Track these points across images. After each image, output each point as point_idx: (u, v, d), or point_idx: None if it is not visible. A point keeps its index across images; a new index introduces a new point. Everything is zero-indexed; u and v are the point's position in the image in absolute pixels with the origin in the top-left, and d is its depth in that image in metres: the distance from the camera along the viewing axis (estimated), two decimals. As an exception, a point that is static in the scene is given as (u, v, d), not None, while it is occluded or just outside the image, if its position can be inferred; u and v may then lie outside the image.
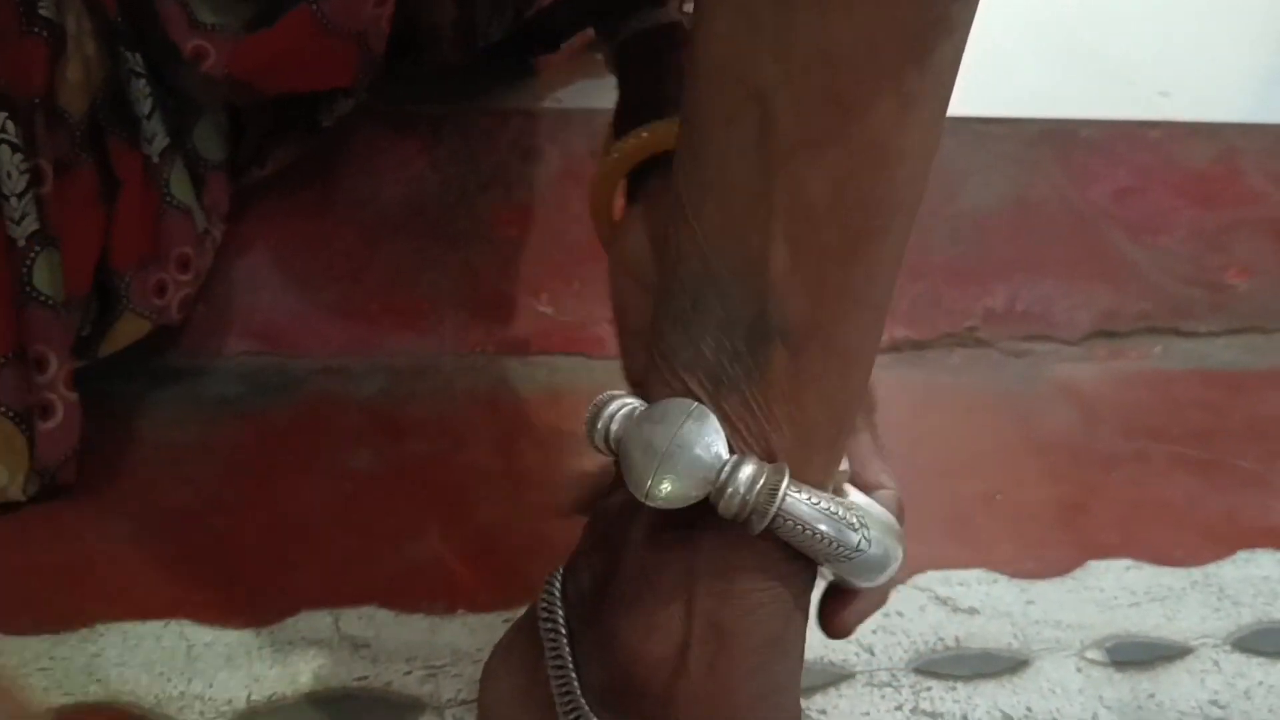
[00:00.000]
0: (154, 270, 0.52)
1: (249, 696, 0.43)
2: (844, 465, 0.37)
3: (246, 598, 0.47)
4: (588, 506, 0.38)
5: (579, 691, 0.35)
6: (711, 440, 0.31)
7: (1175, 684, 0.49)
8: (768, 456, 0.32)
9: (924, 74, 0.30)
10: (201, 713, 0.43)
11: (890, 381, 0.63)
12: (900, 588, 0.52)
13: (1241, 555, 0.56)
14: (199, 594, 0.47)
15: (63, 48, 0.48)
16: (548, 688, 0.36)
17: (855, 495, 0.36)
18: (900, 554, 0.34)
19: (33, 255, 0.47)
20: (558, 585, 0.37)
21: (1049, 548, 0.55)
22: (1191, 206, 0.74)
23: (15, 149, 0.46)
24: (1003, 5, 0.88)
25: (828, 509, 0.31)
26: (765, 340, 0.31)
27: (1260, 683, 0.50)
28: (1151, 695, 0.49)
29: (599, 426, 0.33)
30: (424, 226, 0.63)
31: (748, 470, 0.31)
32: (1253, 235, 0.74)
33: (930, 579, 0.52)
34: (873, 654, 0.49)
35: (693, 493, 0.31)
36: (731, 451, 0.31)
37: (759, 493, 0.31)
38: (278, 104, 0.56)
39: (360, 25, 0.51)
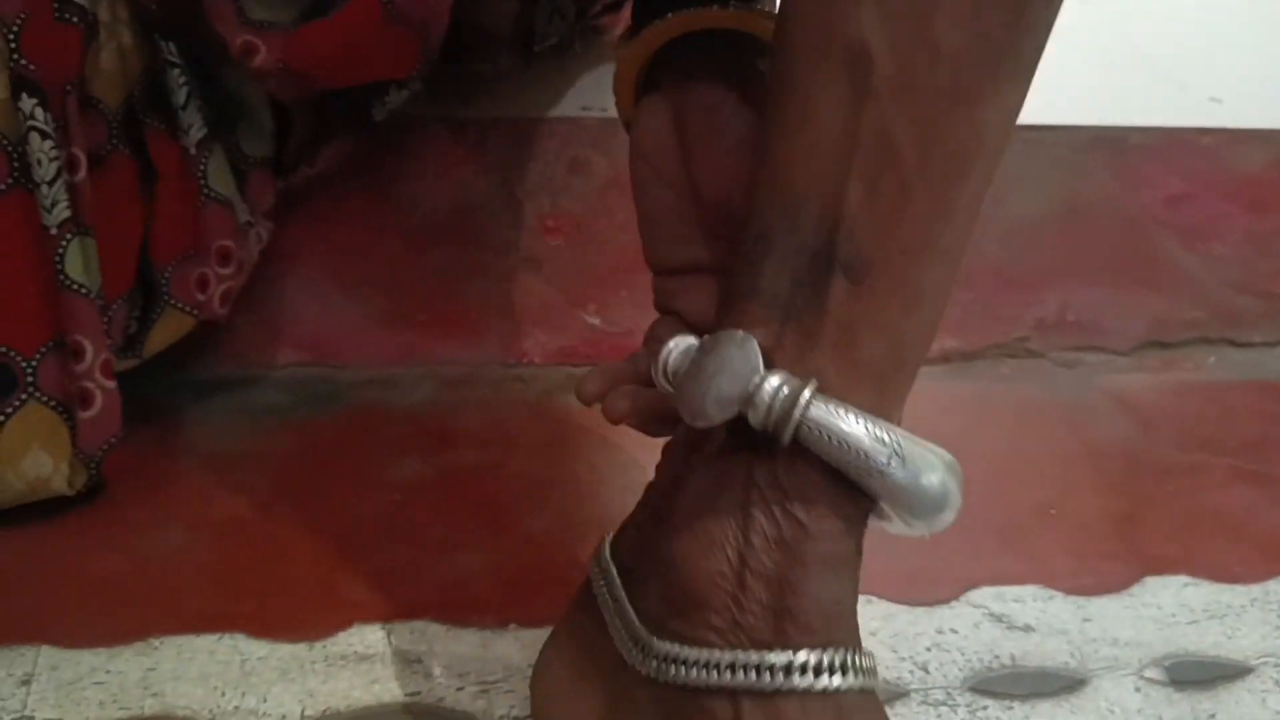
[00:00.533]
0: (194, 264, 0.52)
1: (303, 712, 0.43)
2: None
3: (298, 610, 0.47)
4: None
5: (637, 623, 0.37)
6: (750, 359, 0.33)
7: (1236, 703, 0.48)
8: (820, 384, 0.33)
9: (1017, 26, 0.32)
10: (255, 727, 0.43)
11: (940, 393, 0.62)
12: (954, 604, 0.51)
13: (1301, 571, 0.55)
14: (251, 606, 0.47)
15: (95, 35, 0.48)
16: (602, 645, 0.38)
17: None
18: (956, 490, 0.34)
19: (65, 243, 0.47)
20: (606, 548, 0.40)
21: (1105, 561, 0.54)
22: (1244, 213, 0.73)
23: (45, 136, 0.46)
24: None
25: (855, 421, 0.33)
26: (828, 270, 0.33)
27: (1324, 703, 0.49)
28: (1212, 716, 0.48)
29: (660, 360, 0.37)
30: (471, 234, 0.63)
31: (774, 381, 0.33)
32: (1308, 242, 0.72)
33: (985, 595, 0.52)
34: (927, 672, 0.48)
35: (730, 407, 0.33)
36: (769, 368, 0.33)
37: (783, 400, 0.32)
38: (327, 100, 0.56)
39: (425, 14, 0.50)
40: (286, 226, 0.59)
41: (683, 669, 0.35)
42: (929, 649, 0.49)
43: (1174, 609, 0.52)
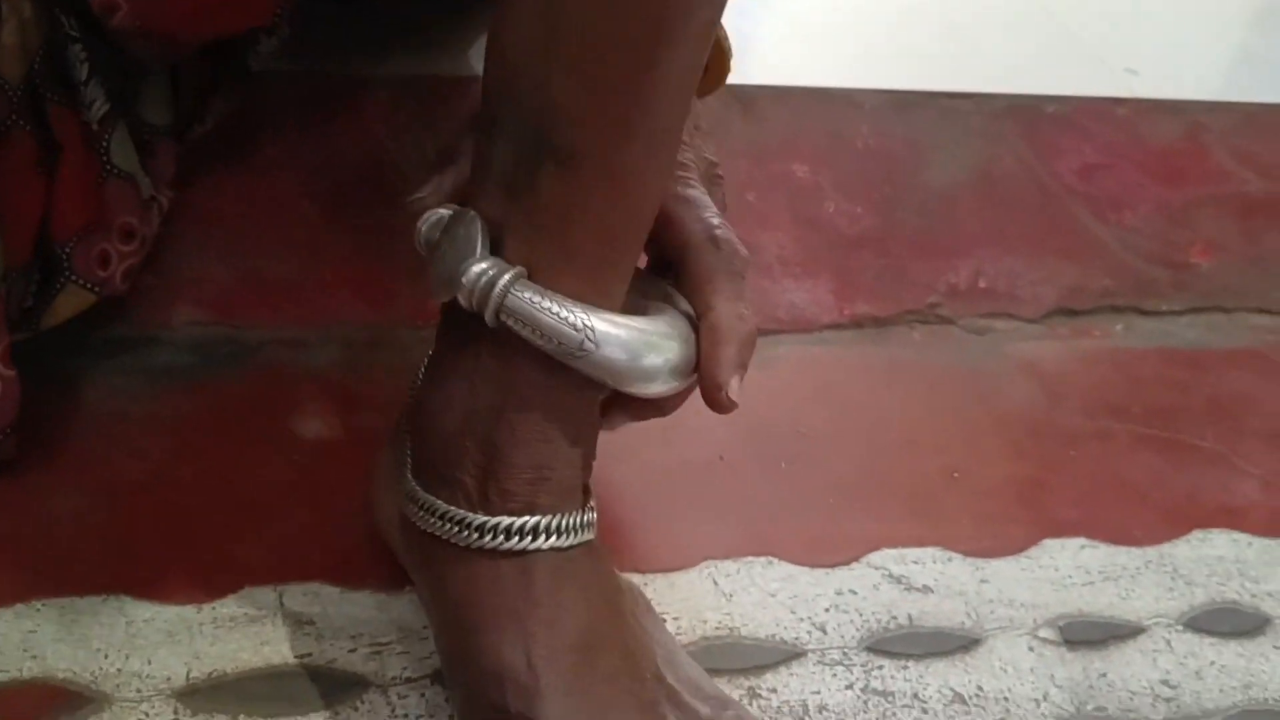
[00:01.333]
0: (96, 240, 0.51)
1: (188, 674, 0.43)
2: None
3: (190, 573, 0.47)
4: None
5: (408, 457, 0.42)
6: (470, 243, 0.36)
7: (1127, 663, 0.49)
8: (529, 263, 0.36)
9: None
10: (139, 690, 0.42)
11: (852, 358, 0.62)
12: (854, 566, 0.52)
13: (1196, 535, 0.56)
14: (142, 569, 0.46)
15: None
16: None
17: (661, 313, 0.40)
18: (671, 351, 0.38)
19: None
20: (421, 372, 0.44)
21: (1007, 525, 0.55)
22: (1157, 184, 0.74)
23: None
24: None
25: (549, 308, 0.36)
26: (539, 156, 0.35)
27: (1212, 663, 0.50)
28: (1103, 675, 0.49)
29: (418, 230, 0.39)
30: (382, 194, 0.62)
31: (480, 266, 0.36)
32: (1217, 214, 0.73)
33: (885, 557, 0.52)
34: (825, 632, 0.48)
35: (450, 286, 0.36)
36: (488, 253, 0.36)
37: (483, 285, 0.35)
38: (208, 56, 0.54)
39: None
40: (193, 184, 0.58)
41: (414, 509, 0.40)
42: (827, 610, 0.49)
43: (1070, 571, 0.53)
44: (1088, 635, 0.50)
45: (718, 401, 0.39)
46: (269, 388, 0.56)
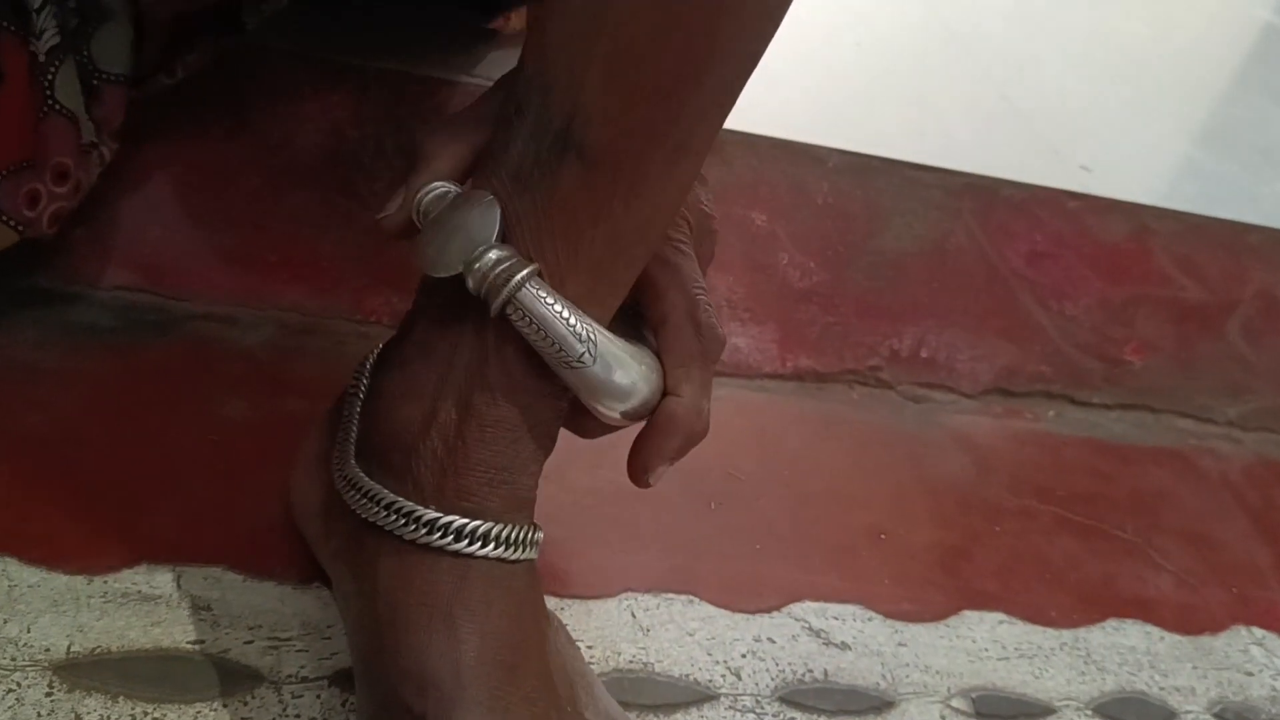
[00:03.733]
0: (28, 177, 0.48)
1: (70, 647, 0.40)
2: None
3: (85, 541, 0.44)
4: None
5: (351, 442, 0.40)
6: (488, 225, 0.35)
7: (1035, 742, 0.49)
8: (536, 256, 0.35)
9: None
10: (14, 658, 0.39)
11: (788, 408, 0.62)
12: (775, 614, 0.51)
13: (1111, 623, 0.56)
14: (35, 529, 0.43)
15: None
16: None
17: (635, 337, 0.39)
18: (646, 391, 0.37)
19: None
20: (372, 358, 0.42)
21: (928, 590, 0.55)
22: (1099, 279, 0.75)
23: None
24: (944, 62, 0.88)
25: (561, 313, 0.35)
26: (564, 151, 0.34)
27: (1117, 750, 0.50)
28: (1011, 750, 0.48)
29: (415, 201, 0.38)
30: (336, 182, 0.60)
31: (497, 253, 0.35)
32: (1154, 314, 0.75)
33: (806, 609, 0.51)
34: (739, 678, 0.47)
35: (454, 264, 0.35)
36: (504, 243, 0.35)
37: (499, 274, 0.35)
38: (194, 6, 0.52)
39: None
40: (140, 142, 0.56)
41: (355, 495, 0.38)
42: (744, 655, 0.48)
43: (987, 644, 0.53)
44: (999, 710, 0.50)
45: (639, 480, 0.39)
46: (193, 361, 0.53)
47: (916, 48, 0.92)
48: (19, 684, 0.39)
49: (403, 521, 0.37)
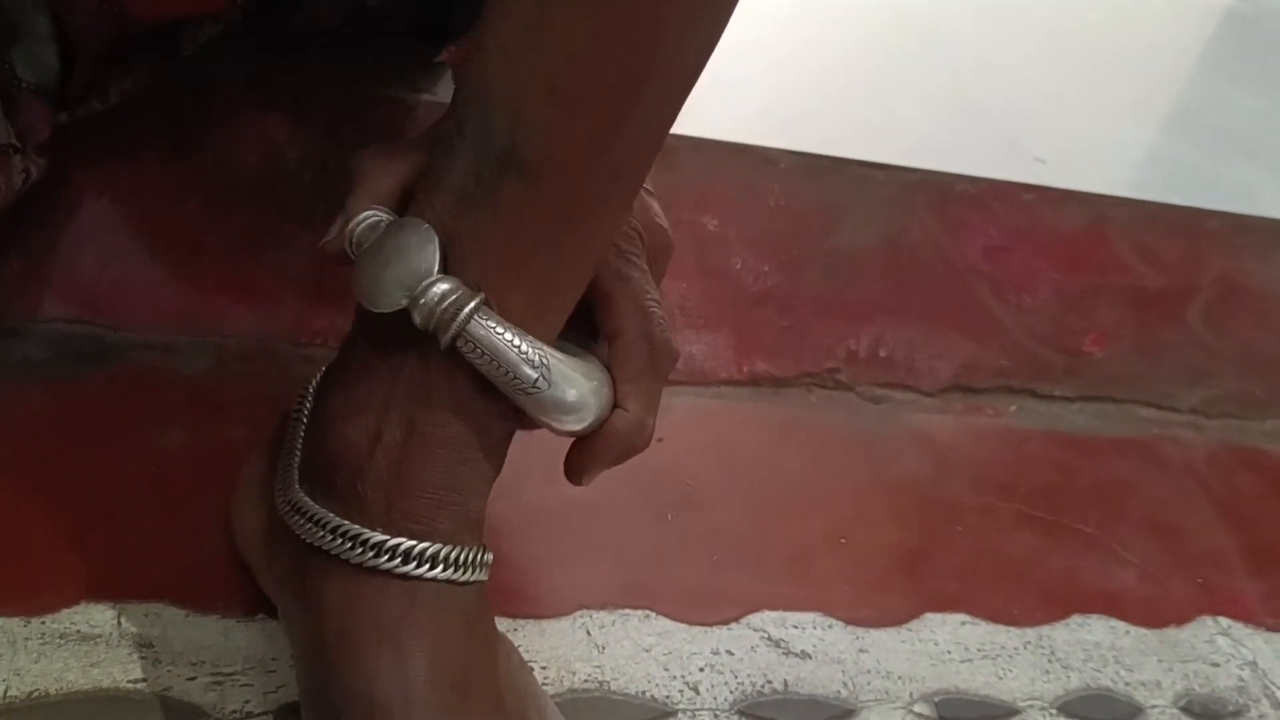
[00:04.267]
0: None
1: (5, 691, 0.39)
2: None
3: (22, 581, 0.43)
4: None
5: (295, 466, 0.39)
6: (427, 257, 0.34)
7: (999, 744, 0.48)
8: (480, 280, 0.35)
9: None
10: (-54, 705, 0.38)
11: (745, 414, 0.61)
12: (733, 626, 0.50)
13: (1075, 619, 0.56)
14: (-34, 572, 0.42)
15: None
16: (277, 469, 0.41)
17: (578, 352, 0.38)
18: (597, 407, 0.37)
19: None
20: (315, 381, 0.42)
21: (888, 594, 0.54)
22: (1056, 270, 0.75)
23: None
24: (895, 56, 0.88)
25: (511, 341, 0.35)
26: (505, 169, 0.34)
27: (1082, 749, 0.49)
28: (975, 754, 0.48)
29: (348, 231, 0.37)
30: (276, 202, 0.59)
31: (443, 287, 0.34)
32: (1113, 304, 0.75)
33: (765, 619, 0.51)
34: (698, 692, 0.47)
35: (397, 298, 0.35)
36: (444, 271, 0.35)
37: (446, 309, 0.34)
38: (129, 31, 0.51)
39: None
40: (70, 169, 0.55)
41: (299, 519, 0.38)
42: (702, 669, 0.48)
43: (949, 646, 0.52)
44: (962, 713, 0.49)
45: (573, 480, 0.39)
46: (132, 391, 0.52)
47: (869, 42, 0.91)
48: (-48, 733, 0.38)
49: (349, 545, 0.36)
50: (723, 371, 0.63)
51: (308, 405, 0.41)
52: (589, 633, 0.47)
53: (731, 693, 0.47)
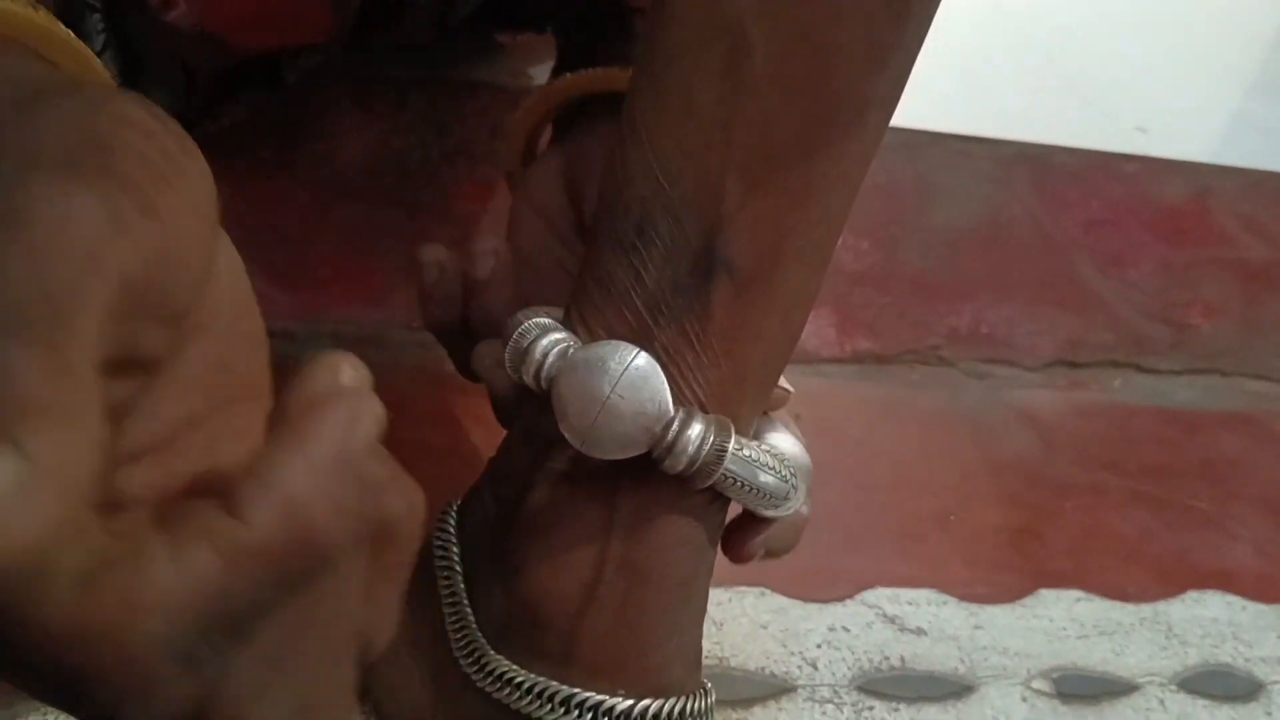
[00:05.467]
0: None
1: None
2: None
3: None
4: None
5: (475, 625, 0.34)
6: (657, 390, 0.30)
7: (1120, 720, 0.48)
8: (703, 396, 0.32)
9: (898, 23, 0.30)
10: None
11: (848, 394, 0.61)
12: (848, 603, 0.50)
13: (1191, 595, 0.55)
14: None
15: None
16: (436, 627, 0.35)
17: (771, 429, 0.36)
18: (806, 491, 0.34)
19: None
20: (453, 518, 0.37)
21: (1000, 572, 0.54)
22: (1160, 243, 0.73)
23: None
24: (988, 28, 0.87)
25: (768, 464, 0.32)
26: (711, 273, 0.31)
27: (1205, 725, 0.49)
28: (1095, 730, 0.47)
29: (531, 361, 0.32)
30: (382, 194, 0.60)
31: (696, 428, 0.30)
32: (1219, 276, 0.73)
33: (879, 596, 0.51)
34: (816, 669, 0.47)
35: (639, 443, 0.30)
36: (675, 401, 0.31)
37: (708, 452, 0.30)
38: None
39: None
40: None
41: (516, 693, 0.33)
42: (819, 646, 0.48)
43: (1065, 623, 0.52)
44: (1081, 689, 0.49)
45: (748, 559, 0.37)
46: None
47: (959, 17, 0.90)
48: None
49: (589, 718, 0.32)
50: (825, 350, 0.63)
51: (454, 549, 0.36)
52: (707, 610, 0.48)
53: (849, 669, 0.47)
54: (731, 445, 0.31)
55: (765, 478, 0.31)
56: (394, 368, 0.56)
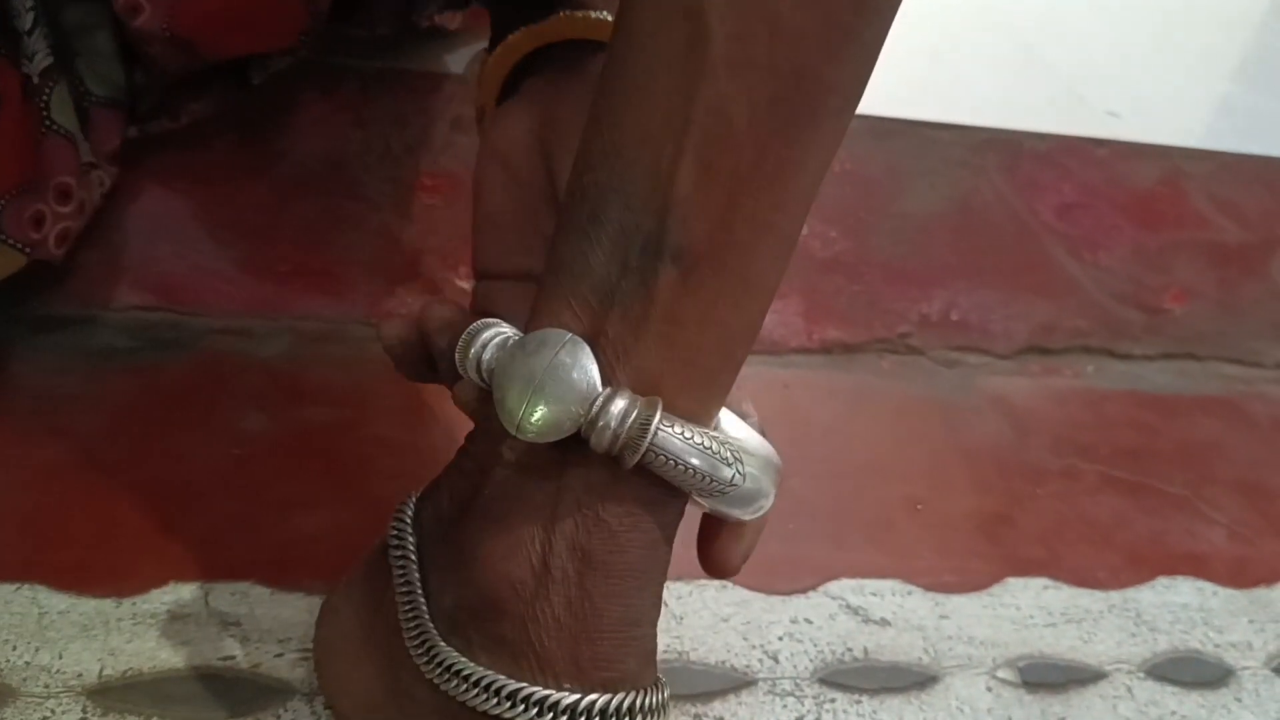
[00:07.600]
0: (31, 199, 0.48)
1: (101, 670, 0.40)
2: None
3: (112, 564, 0.44)
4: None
5: (427, 616, 0.34)
6: (586, 370, 0.31)
7: (1087, 708, 0.48)
8: (641, 380, 0.31)
9: (861, 9, 0.30)
10: (47, 685, 0.39)
11: (819, 383, 0.61)
12: (811, 594, 0.50)
13: (1161, 581, 0.55)
14: (61, 556, 0.44)
15: None
16: (391, 621, 0.35)
17: (734, 425, 0.35)
18: (774, 488, 0.34)
19: None
20: (410, 510, 0.37)
21: (969, 560, 0.53)
22: (1133, 226, 0.73)
23: None
24: (958, 13, 0.86)
25: (701, 443, 0.31)
26: (658, 257, 0.31)
27: (1173, 712, 0.48)
28: (1062, 719, 0.47)
29: (471, 355, 0.33)
30: (342, 186, 0.60)
31: (620, 404, 0.30)
32: (1193, 259, 0.73)
33: (843, 587, 0.50)
34: (777, 661, 0.46)
35: (565, 425, 0.31)
36: (605, 382, 0.31)
37: (630, 426, 0.30)
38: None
39: None
40: (142, 161, 0.56)
41: (464, 685, 0.32)
42: (781, 638, 0.47)
43: (1032, 611, 0.51)
44: (1047, 678, 0.48)
45: (730, 574, 0.37)
46: (211, 376, 0.53)
47: (929, 2, 0.90)
48: (53, 710, 0.39)
49: (534, 712, 0.32)
50: (793, 340, 0.62)
51: (410, 540, 0.36)
52: (666, 603, 0.47)
53: (811, 661, 0.47)
54: (657, 421, 0.30)
55: (699, 455, 0.31)
56: (354, 361, 0.55)
